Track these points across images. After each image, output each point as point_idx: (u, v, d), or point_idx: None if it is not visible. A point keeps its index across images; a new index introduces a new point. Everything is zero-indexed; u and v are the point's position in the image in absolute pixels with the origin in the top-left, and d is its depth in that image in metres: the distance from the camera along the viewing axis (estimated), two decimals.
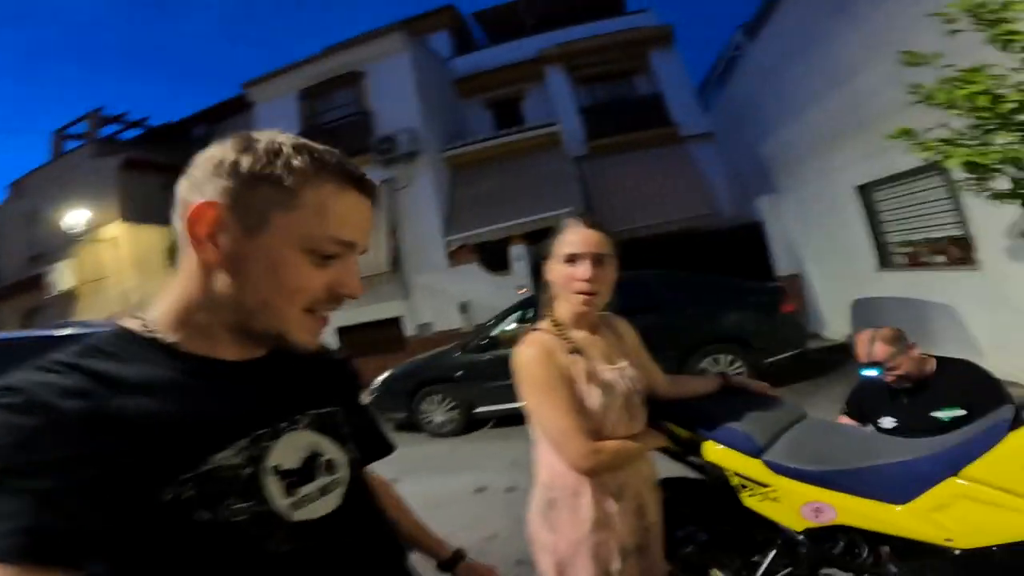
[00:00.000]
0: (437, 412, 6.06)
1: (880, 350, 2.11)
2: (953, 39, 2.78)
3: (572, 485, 1.27)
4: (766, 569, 1.38)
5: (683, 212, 9.14)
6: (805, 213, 7.55)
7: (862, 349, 2.18)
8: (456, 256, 9.31)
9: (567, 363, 1.25)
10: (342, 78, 10.27)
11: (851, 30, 5.53)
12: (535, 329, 1.33)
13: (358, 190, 0.66)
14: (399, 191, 9.52)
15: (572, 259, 1.27)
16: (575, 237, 1.28)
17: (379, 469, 0.90)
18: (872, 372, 2.13)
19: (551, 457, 1.28)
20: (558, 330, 1.31)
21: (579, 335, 1.32)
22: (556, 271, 1.31)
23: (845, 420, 2.30)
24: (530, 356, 1.24)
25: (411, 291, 9.41)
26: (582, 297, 1.27)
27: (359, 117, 10.04)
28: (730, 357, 5.54)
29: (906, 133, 3.11)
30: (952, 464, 1.13)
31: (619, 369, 1.32)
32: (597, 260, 1.26)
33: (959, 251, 4.90)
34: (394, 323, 9.48)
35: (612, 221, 9.13)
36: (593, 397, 1.25)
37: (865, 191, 6.07)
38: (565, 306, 1.33)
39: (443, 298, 9.10)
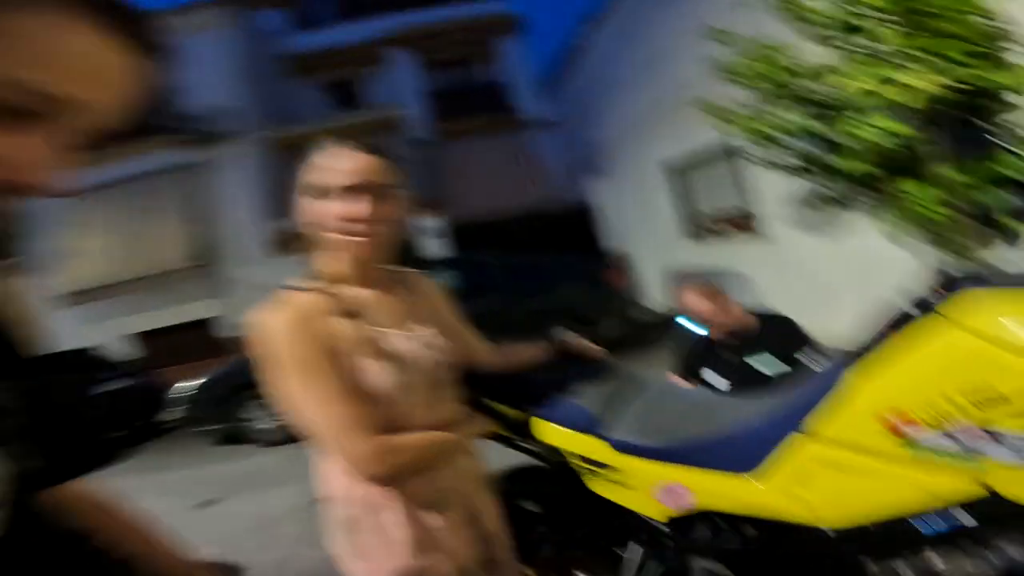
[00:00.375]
0: (263, 418, 5.35)
1: (699, 303, 2.19)
2: (767, 20, 3.04)
3: (371, 499, 0.95)
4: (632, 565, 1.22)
5: (523, 196, 9.41)
6: (627, 193, 8.19)
7: (682, 304, 2.25)
8: (282, 246, 8.41)
9: (332, 331, 0.92)
10: None
11: (674, 18, 6.03)
12: (291, 288, 0.98)
13: (109, 30, 0.39)
14: (207, 176, 8.37)
15: (336, 193, 0.94)
16: (345, 164, 0.95)
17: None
18: (687, 322, 2.20)
19: (339, 464, 0.96)
20: (325, 286, 0.97)
21: (359, 294, 0.99)
22: (316, 210, 0.96)
23: (676, 379, 2.36)
24: (274, 327, 0.90)
25: (227, 287, 8.32)
26: (357, 239, 0.94)
27: (160, 94, 8.54)
28: (567, 332, 5.76)
29: (706, 105, 3.39)
30: (792, 416, 1.03)
31: (418, 337, 1.01)
32: (375, 191, 0.94)
33: (746, 221, 5.64)
34: (206, 325, 8.31)
35: (455, 205, 9.11)
36: (379, 375, 0.93)
37: (673, 169, 6.73)
38: (334, 257, 0.99)
39: (266, 293, 8.15)
